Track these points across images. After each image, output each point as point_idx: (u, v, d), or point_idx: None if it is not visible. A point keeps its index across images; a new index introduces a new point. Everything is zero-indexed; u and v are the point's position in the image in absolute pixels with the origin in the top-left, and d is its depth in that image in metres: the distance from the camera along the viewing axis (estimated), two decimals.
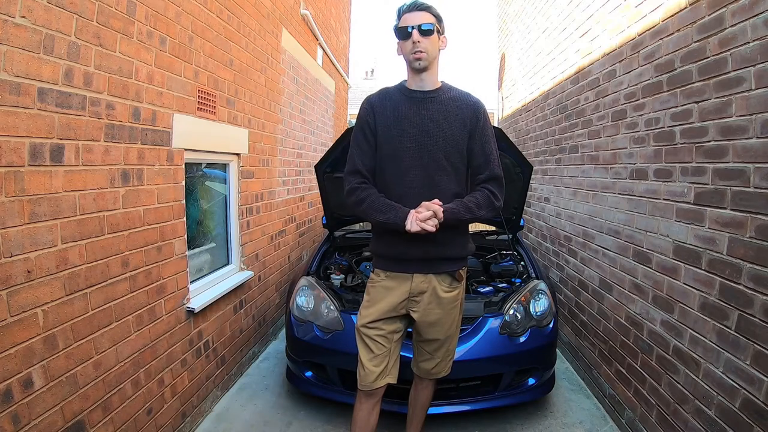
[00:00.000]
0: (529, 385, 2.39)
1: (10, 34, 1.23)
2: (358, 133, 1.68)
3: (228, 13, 2.60)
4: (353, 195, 1.62)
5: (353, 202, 1.63)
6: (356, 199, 1.62)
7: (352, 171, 1.66)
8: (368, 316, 1.71)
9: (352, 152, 1.67)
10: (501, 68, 5.98)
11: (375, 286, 1.74)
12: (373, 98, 1.71)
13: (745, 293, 1.47)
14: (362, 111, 1.69)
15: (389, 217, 1.57)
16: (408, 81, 1.69)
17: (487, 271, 3.00)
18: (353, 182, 1.64)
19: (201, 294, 2.39)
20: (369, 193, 1.62)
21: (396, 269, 1.71)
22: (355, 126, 1.71)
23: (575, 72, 3.13)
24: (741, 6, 1.50)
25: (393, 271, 1.71)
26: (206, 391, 2.43)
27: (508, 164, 2.77)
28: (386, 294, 1.71)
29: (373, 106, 1.67)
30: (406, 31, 1.58)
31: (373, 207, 1.60)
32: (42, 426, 1.36)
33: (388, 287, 1.71)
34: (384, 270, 1.73)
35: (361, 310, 1.74)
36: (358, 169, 1.65)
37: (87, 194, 1.55)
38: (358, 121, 1.69)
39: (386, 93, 1.70)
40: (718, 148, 1.62)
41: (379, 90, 1.76)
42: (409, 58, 1.60)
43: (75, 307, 1.50)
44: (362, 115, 1.68)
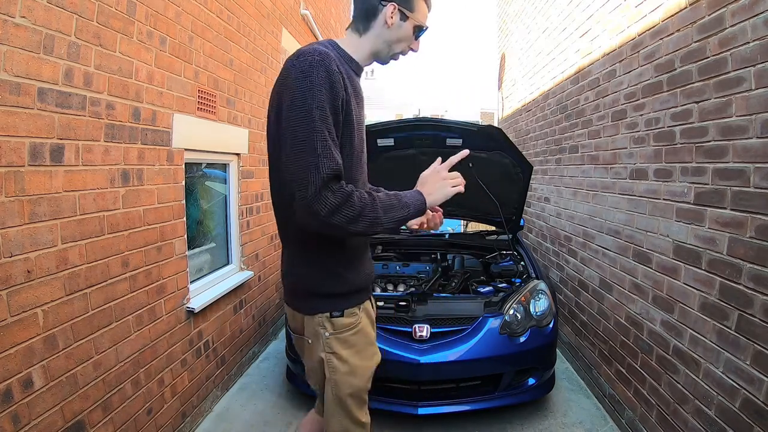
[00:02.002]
0: (529, 385, 2.38)
1: (10, 34, 1.23)
2: (329, 109, 1.05)
3: (228, 13, 2.60)
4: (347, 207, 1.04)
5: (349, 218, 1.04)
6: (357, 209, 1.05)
7: (334, 174, 1.03)
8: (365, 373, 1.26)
9: (327, 143, 1.03)
10: (501, 68, 5.98)
11: (358, 331, 1.25)
12: (333, 57, 1.09)
13: (745, 293, 1.47)
14: (331, 75, 1.05)
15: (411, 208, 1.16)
16: (352, 49, 1.23)
17: (487, 271, 3.00)
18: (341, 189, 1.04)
19: (201, 294, 2.39)
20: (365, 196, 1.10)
21: (363, 299, 1.30)
22: (317, 96, 1.03)
23: (575, 72, 3.13)
24: (741, 6, 1.50)
25: (364, 302, 1.30)
26: (206, 391, 2.43)
27: (508, 164, 2.77)
28: (371, 334, 1.31)
29: (342, 73, 1.10)
30: (421, 32, 1.26)
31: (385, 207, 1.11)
32: (42, 426, 1.36)
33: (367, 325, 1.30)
34: (359, 305, 1.27)
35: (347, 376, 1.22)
36: (341, 170, 1.06)
37: (87, 194, 1.55)
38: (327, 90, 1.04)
39: (337, 59, 1.13)
40: (718, 148, 1.62)
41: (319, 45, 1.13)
42: (396, 54, 1.27)
43: (75, 307, 1.50)
44: (334, 83, 1.06)
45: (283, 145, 1.07)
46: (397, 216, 1.13)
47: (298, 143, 1.03)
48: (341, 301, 1.23)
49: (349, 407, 1.25)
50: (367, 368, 1.28)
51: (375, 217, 1.08)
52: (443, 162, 1.31)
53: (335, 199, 1.02)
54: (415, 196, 1.18)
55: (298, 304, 1.27)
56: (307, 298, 1.24)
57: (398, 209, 1.13)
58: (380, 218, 1.09)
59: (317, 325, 1.21)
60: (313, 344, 1.24)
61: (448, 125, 2.70)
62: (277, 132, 1.12)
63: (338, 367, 1.22)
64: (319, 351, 1.22)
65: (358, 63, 1.24)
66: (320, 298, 1.22)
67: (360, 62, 1.25)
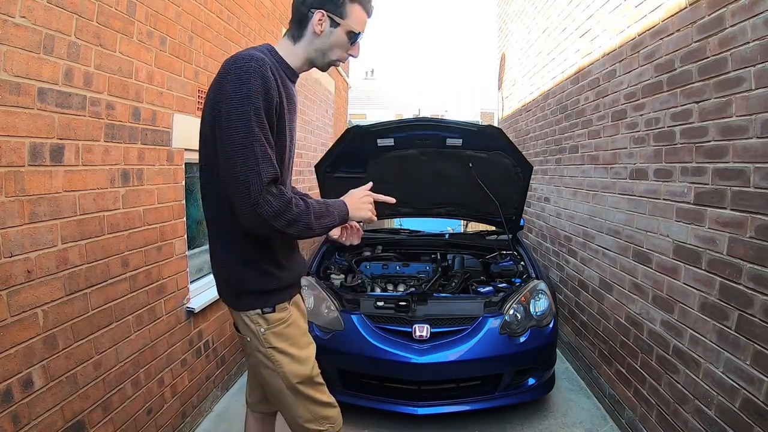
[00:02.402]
0: (529, 385, 2.39)
1: (10, 34, 1.23)
2: (264, 115, 1.07)
3: (228, 13, 2.60)
4: (287, 212, 1.09)
5: (288, 222, 1.09)
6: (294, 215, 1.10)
7: (273, 178, 1.07)
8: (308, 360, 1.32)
9: (265, 148, 1.06)
10: (501, 68, 5.98)
11: (290, 324, 1.30)
12: (269, 63, 1.12)
13: (745, 293, 1.47)
14: (267, 82, 1.08)
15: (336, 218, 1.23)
16: (289, 55, 1.24)
17: (487, 271, 3.00)
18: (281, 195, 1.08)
19: (201, 294, 2.39)
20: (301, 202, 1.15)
21: (293, 294, 1.36)
22: (254, 102, 1.05)
23: (575, 72, 3.13)
24: (741, 6, 1.50)
25: (293, 296, 1.36)
26: (206, 391, 2.43)
27: (508, 164, 2.77)
28: (303, 324, 1.38)
29: (276, 81, 1.12)
30: (356, 37, 1.24)
31: (317, 214, 1.17)
32: (42, 426, 1.36)
33: (298, 317, 1.36)
34: (289, 300, 1.32)
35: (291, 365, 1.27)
36: (278, 174, 1.10)
37: (87, 194, 1.55)
38: (263, 96, 1.07)
39: (272, 62, 1.15)
40: (718, 148, 1.62)
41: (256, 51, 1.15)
42: (333, 60, 1.26)
43: (75, 307, 1.50)
44: (269, 90, 1.08)
45: (222, 151, 1.09)
46: (326, 223, 1.21)
47: (238, 149, 1.05)
48: (271, 297, 1.27)
49: (305, 393, 1.30)
50: (308, 356, 1.33)
51: (308, 222, 1.14)
52: None
53: (278, 204, 1.07)
54: (341, 207, 1.25)
55: (231, 300, 1.30)
56: (240, 295, 1.27)
57: (327, 217, 1.20)
58: (312, 224, 1.16)
59: (251, 322, 1.26)
60: (251, 341, 1.28)
61: (448, 125, 2.70)
62: (212, 135, 1.13)
63: (281, 360, 1.26)
64: (258, 346, 1.26)
65: (293, 69, 1.25)
66: (252, 295, 1.26)
67: (295, 69, 1.26)
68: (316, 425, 1.33)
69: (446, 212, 3.34)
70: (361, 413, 2.36)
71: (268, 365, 1.27)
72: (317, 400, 1.33)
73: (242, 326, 1.28)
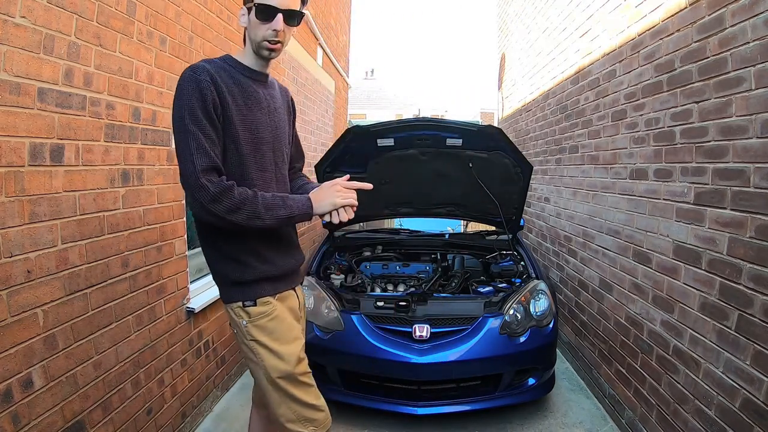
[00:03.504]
0: (529, 385, 2.39)
1: (10, 34, 1.23)
2: (200, 113, 1.18)
3: (228, 13, 2.60)
4: (226, 198, 1.16)
5: (228, 208, 1.16)
6: (235, 201, 1.17)
7: (209, 167, 1.16)
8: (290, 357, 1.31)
9: (200, 141, 1.17)
10: (501, 68, 5.98)
11: (273, 318, 1.32)
12: (207, 68, 1.23)
13: (745, 293, 1.47)
14: (200, 84, 1.19)
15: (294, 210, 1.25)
16: (243, 57, 1.35)
17: (487, 271, 3.00)
18: (220, 182, 1.17)
19: (201, 294, 2.39)
20: (248, 192, 1.21)
21: (279, 289, 1.37)
22: (186, 104, 1.18)
23: (575, 72, 3.13)
24: (741, 6, 1.50)
25: (281, 291, 1.38)
26: (206, 391, 2.43)
27: (508, 164, 2.77)
28: (289, 320, 1.38)
29: (213, 80, 1.22)
30: (268, 12, 1.24)
31: (267, 204, 1.22)
32: (42, 426, 1.36)
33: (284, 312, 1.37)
34: (273, 294, 1.34)
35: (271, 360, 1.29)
36: (216, 164, 1.19)
37: (87, 194, 1.55)
38: (196, 98, 1.18)
39: (220, 66, 1.28)
40: (718, 148, 1.62)
41: (202, 61, 1.27)
42: (260, 43, 1.28)
43: (75, 307, 1.50)
44: (202, 90, 1.19)
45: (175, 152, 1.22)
46: (279, 214, 1.23)
47: (178, 145, 1.19)
48: (251, 289, 1.30)
49: (286, 390, 1.30)
50: (291, 353, 1.32)
51: (254, 210, 1.19)
52: None
53: (214, 189, 1.15)
54: (301, 201, 1.28)
55: (220, 294, 1.37)
56: (224, 288, 1.34)
57: (280, 209, 1.24)
58: (260, 213, 1.20)
59: (234, 315, 1.32)
60: (237, 333, 1.33)
61: (448, 125, 2.70)
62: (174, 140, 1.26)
63: (262, 353, 1.29)
64: (243, 339, 1.31)
65: (251, 68, 1.34)
66: (231, 287, 1.31)
67: (252, 67, 1.35)
68: (298, 426, 1.31)
69: (446, 212, 3.34)
70: (361, 413, 2.36)
71: (252, 358, 1.31)
72: (300, 400, 1.32)
73: (229, 319, 1.36)
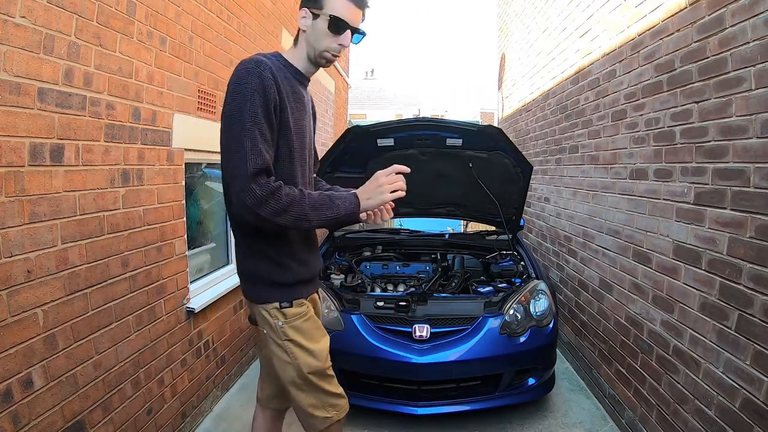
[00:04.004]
0: (529, 385, 2.39)
1: (10, 34, 1.23)
2: (260, 112, 1.14)
3: (228, 13, 2.60)
4: (273, 200, 1.12)
5: (274, 210, 1.12)
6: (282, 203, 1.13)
7: (261, 169, 1.12)
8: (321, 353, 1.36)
9: (256, 141, 1.12)
10: (501, 68, 5.98)
11: (308, 318, 1.35)
12: (269, 65, 1.19)
13: (745, 293, 1.47)
14: (264, 80, 1.15)
15: (341, 210, 1.22)
16: (294, 59, 1.33)
17: (487, 271, 3.00)
18: (267, 183, 1.12)
19: (201, 294, 2.39)
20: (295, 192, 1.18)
21: (311, 291, 1.41)
22: (248, 99, 1.14)
23: (575, 72, 3.13)
24: (741, 6, 1.50)
25: (311, 293, 1.42)
26: (206, 391, 2.43)
27: (508, 164, 2.77)
28: (317, 319, 1.43)
29: (275, 78, 1.19)
30: (340, 27, 1.25)
31: (314, 205, 1.19)
32: (42, 426, 1.36)
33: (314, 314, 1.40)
34: (306, 296, 1.38)
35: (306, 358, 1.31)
36: (268, 166, 1.15)
37: (87, 194, 1.55)
38: (259, 94, 1.14)
39: (277, 65, 1.25)
40: (718, 148, 1.62)
41: (260, 55, 1.24)
42: (323, 53, 1.28)
43: (75, 307, 1.50)
44: (266, 88, 1.15)
45: (221, 146, 1.18)
46: (326, 215, 1.21)
47: (231, 141, 1.14)
48: (289, 291, 1.32)
49: (316, 383, 1.34)
50: (322, 349, 1.37)
51: (301, 212, 1.17)
52: None
53: (261, 192, 1.11)
54: (348, 199, 1.25)
55: (251, 294, 1.35)
56: (258, 288, 1.32)
57: (327, 209, 1.21)
58: (308, 214, 1.18)
59: (269, 315, 1.31)
60: (268, 333, 1.33)
61: (448, 125, 2.70)
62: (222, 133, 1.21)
63: (296, 352, 1.31)
64: (275, 339, 1.31)
65: (300, 71, 1.33)
66: (269, 288, 1.31)
67: (302, 70, 1.34)
68: (322, 412, 1.37)
69: (446, 212, 3.34)
70: (361, 413, 2.36)
71: (284, 357, 1.31)
72: (327, 391, 1.37)
73: (260, 319, 1.33)
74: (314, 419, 1.37)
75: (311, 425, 1.38)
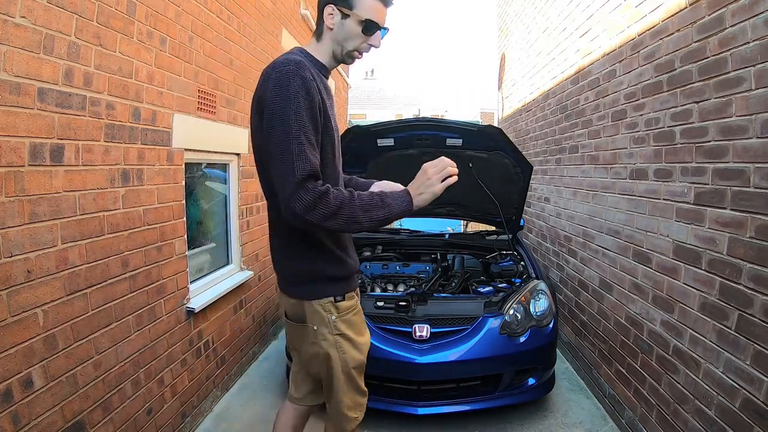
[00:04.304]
0: (529, 385, 2.38)
1: (10, 34, 1.23)
2: (305, 115, 1.11)
3: (228, 13, 2.60)
4: (321, 205, 1.09)
5: (324, 215, 1.10)
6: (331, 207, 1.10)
7: (309, 174, 1.09)
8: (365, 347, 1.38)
9: (303, 146, 1.10)
10: (501, 68, 5.98)
11: (357, 311, 1.37)
12: (306, 65, 1.17)
13: (745, 293, 1.47)
14: (306, 82, 1.12)
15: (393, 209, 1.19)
16: (319, 54, 1.29)
17: (487, 271, 3.00)
18: (315, 188, 1.09)
19: (201, 294, 2.39)
20: (344, 194, 1.15)
21: (357, 283, 1.42)
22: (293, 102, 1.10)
23: (575, 72, 3.13)
24: (741, 6, 1.50)
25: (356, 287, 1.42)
26: (206, 391, 2.43)
27: (508, 164, 2.77)
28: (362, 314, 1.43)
29: (314, 78, 1.16)
30: (373, 28, 1.24)
31: (364, 206, 1.15)
32: (42, 426, 1.36)
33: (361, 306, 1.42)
34: (354, 289, 1.39)
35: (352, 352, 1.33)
36: (316, 170, 1.12)
37: (87, 194, 1.55)
38: (303, 97, 1.11)
39: (308, 62, 1.21)
40: (718, 148, 1.62)
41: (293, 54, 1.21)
42: (352, 52, 1.27)
43: (75, 307, 1.50)
44: (309, 89, 1.12)
45: (267, 150, 1.15)
46: (378, 215, 1.17)
47: (277, 148, 1.11)
48: (343, 284, 1.32)
49: (355, 379, 1.36)
50: (366, 343, 1.39)
51: (352, 214, 1.13)
52: None
53: (309, 197, 1.08)
54: (400, 197, 1.21)
55: (300, 291, 1.32)
56: (310, 284, 1.30)
57: (379, 209, 1.17)
58: (358, 216, 1.14)
59: (323, 310, 1.29)
60: (319, 329, 1.30)
61: (448, 125, 2.70)
62: (261, 137, 1.19)
63: (346, 346, 1.31)
64: (327, 335, 1.29)
65: (324, 65, 1.30)
66: (324, 282, 1.29)
67: (326, 65, 1.31)
68: (353, 412, 1.39)
69: (446, 212, 3.34)
70: None
71: (331, 352, 1.30)
72: (359, 388, 1.39)
73: (310, 315, 1.30)
74: (346, 421, 1.38)
75: (340, 426, 1.40)
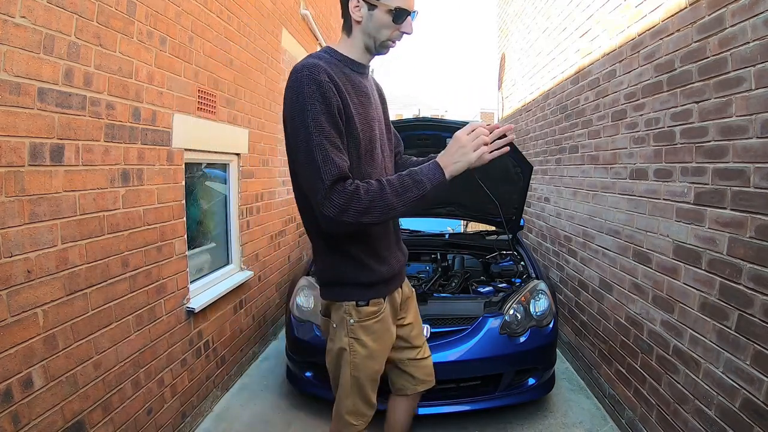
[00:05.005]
0: (529, 385, 2.38)
1: (10, 34, 1.23)
2: (324, 120, 1.10)
3: (228, 13, 2.60)
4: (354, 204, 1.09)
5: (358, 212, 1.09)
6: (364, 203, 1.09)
7: (337, 178, 1.09)
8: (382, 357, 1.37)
9: (326, 152, 1.09)
10: (501, 68, 5.98)
11: (380, 319, 1.33)
12: (324, 67, 1.14)
13: (745, 293, 1.47)
14: (322, 86, 1.10)
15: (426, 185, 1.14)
16: (349, 50, 1.27)
17: (487, 271, 3.00)
18: (344, 189, 1.09)
19: (201, 294, 2.39)
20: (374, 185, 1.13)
21: (391, 289, 1.37)
22: (309, 109, 1.09)
23: (575, 72, 3.13)
24: (741, 6, 1.50)
25: (391, 293, 1.37)
26: (206, 391, 2.43)
27: (508, 164, 2.77)
28: (389, 322, 1.38)
29: (332, 79, 1.13)
30: (404, 16, 1.20)
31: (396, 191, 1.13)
32: (42, 426, 1.36)
33: (388, 314, 1.37)
34: (384, 296, 1.35)
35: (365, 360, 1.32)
36: (343, 172, 1.11)
37: (87, 194, 1.55)
38: (319, 102, 1.10)
39: (331, 62, 1.20)
40: (718, 148, 1.62)
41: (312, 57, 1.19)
42: (385, 42, 1.24)
43: (75, 307, 1.50)
44: (325, 93, 1.10)
45: (293, 160, 1.20)
46: (412, 196, 1.13)
47: (302, 157, 1.12)
48: (367, 291, 1.31)
49: (364, 388, 1.35)
50: (384, 352, 1.37)
51: (386, 204, 1.12)
52: None
53: (340, 200, 1.08)
54: (431, 170, 1.16)
55: (325, 292, 1.35)
56: (334, 286, 1.32)
57: (411, 189, 1.14)
58: (392, 203, 1.12)
59: (343, 312, 1.31)
60: (337, 329, 1.33)
61: (448, 125, 2.70)
62: (288, 149, 1.22)
63: (359, 352, 1.31)
64: (342, 336, 1.31)
65: (357, 62, 1.28)
66: (346, 287, 1.30)
67: (359, 60, 1.28)
68: (352, 418, 1.37)
69: (446, 212, 3.34)
70: None
71: (343, 353, 1.32)
72: (366, 398, 1.37)
73: (333, 314, 1.34)
74: (345, 425, 1.38)
75: (337, 429, 1.41)
